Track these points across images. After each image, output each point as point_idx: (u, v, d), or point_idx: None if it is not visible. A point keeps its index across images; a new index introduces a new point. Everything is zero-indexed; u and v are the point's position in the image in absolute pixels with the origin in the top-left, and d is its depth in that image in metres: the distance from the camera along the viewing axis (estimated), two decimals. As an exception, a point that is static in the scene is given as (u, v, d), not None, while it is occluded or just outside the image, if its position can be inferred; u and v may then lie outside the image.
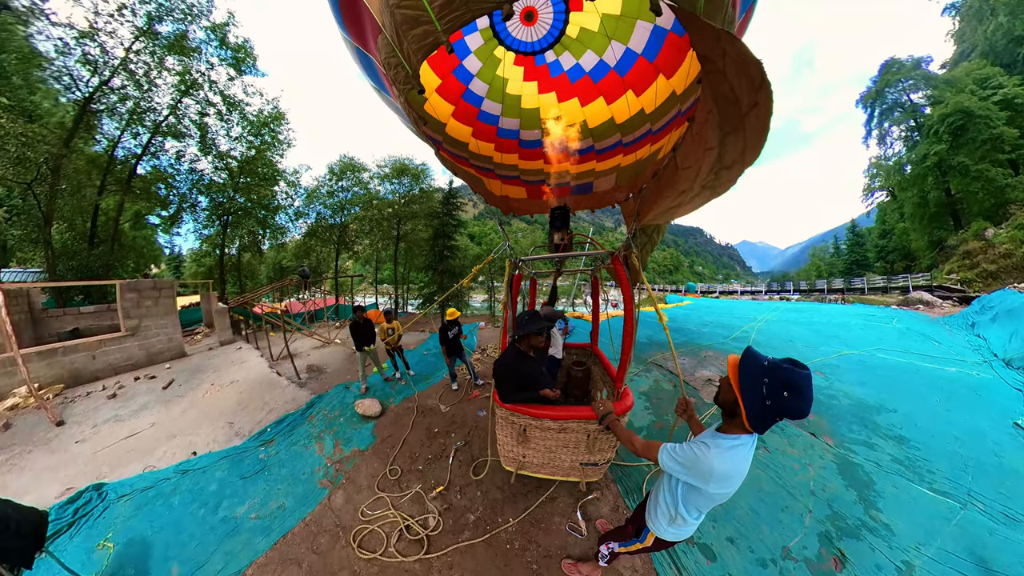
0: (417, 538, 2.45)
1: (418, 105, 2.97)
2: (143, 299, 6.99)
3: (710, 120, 1.89)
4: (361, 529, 2.59)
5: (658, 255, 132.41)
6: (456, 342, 4.76)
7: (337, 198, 15.98)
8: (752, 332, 6.70)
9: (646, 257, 3.94)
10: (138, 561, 2.47)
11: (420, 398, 4.66)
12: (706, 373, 4.69)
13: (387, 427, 4.06)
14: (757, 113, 1.47)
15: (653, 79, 2.66)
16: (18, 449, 4.15)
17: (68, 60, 8.15)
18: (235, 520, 2.82)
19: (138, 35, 8.51)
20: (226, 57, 10.62)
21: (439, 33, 1.74)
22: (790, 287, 25.96)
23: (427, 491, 2.91)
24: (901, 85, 21.10)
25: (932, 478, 2.67)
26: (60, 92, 8.63)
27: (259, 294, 11.89)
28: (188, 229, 13.08)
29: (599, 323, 3.94)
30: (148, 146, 10.35)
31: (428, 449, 3.52)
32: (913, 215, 20.07)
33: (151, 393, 5.70)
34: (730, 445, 1.19)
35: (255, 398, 5.24)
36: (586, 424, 2.21)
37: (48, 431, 4.55)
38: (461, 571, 2.20)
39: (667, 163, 2.55)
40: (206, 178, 12.07)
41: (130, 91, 9.09)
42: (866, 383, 4.16)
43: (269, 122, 12.77)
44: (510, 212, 4.85)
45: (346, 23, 2.15)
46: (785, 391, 1.04)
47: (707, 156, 1.96)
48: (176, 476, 3.41)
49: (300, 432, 4.20)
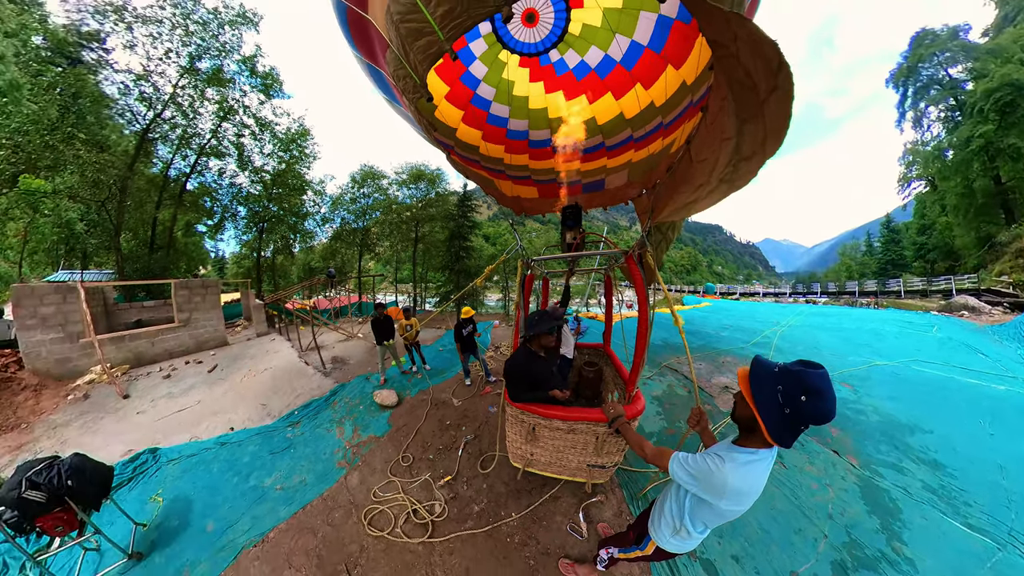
0: (422, 522, 2.50)
1: (428, 112, 2.98)
2: (193, 296, 7.73)
3: (725, 108, 1.74)
4: (372, 508, 2.68)
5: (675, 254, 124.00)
6: (470, 339, 4.75)
7: (359, 204, 16.85)
8: (774, 337, 6.14)
9: (661, 256, 3.72)
10: (181, 515, 2.79)
11: (434, 391, 4.72)
12: (723, 380, 4.35)
13: (402, 417, 4.12)
14: (777, 98, 1.34)
15: (662, 71, 2.52)
16: (93, 415, 4.79)
17: (128, 99, 9.71)
18: (263, 489, 3.07)
19: (182, 73, 9.88)
20: (256, 84, 11.89)
21: (442, 42, 1.76)
22: (817, 289, 23.73)
23: (435, 479, 2.94)
24: (936, 59, 18.03)
25: (968, 512, 2.30)
26: (124, 126, 10.15)
27: (291, 292, 12.95)
28: (230, 235, 14.80)
29: (612, 324, 3.77)
30: (195, 166, 11.82)
31: (439, 440, 3.55)
32: (957, 207, 17.05)
33: (198, 375, 6.26)
34: (747, 460, 1.08)
35: (285, 384, 5.55)
36: (595, 426, 2.13)
37: (116, 402, 5.17)
38: (461, 558, 2.21)
39: (681, 157, 2.39)
40: (244, 191, 13.47)
41: (178, 120, 10.50)
42: (899, 398, 3.69)
43: (296, 138, 13.87)
44: (522, 212, 4.77)
45: (356, 41, 2.21)
46: (803, 396, 0.94)
47: (724, 147, 1.80)
48: (216, 447, 3.76)
49: (323, 416, 4.39)
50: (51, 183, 8.29)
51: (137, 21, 8.91)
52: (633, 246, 2.30)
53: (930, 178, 19.86)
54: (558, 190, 4.02)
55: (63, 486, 2.04)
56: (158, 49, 9.33)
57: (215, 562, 2.35)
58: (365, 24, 1.95)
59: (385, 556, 2.27)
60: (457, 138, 3.34)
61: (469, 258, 17.61)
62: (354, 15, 1.95)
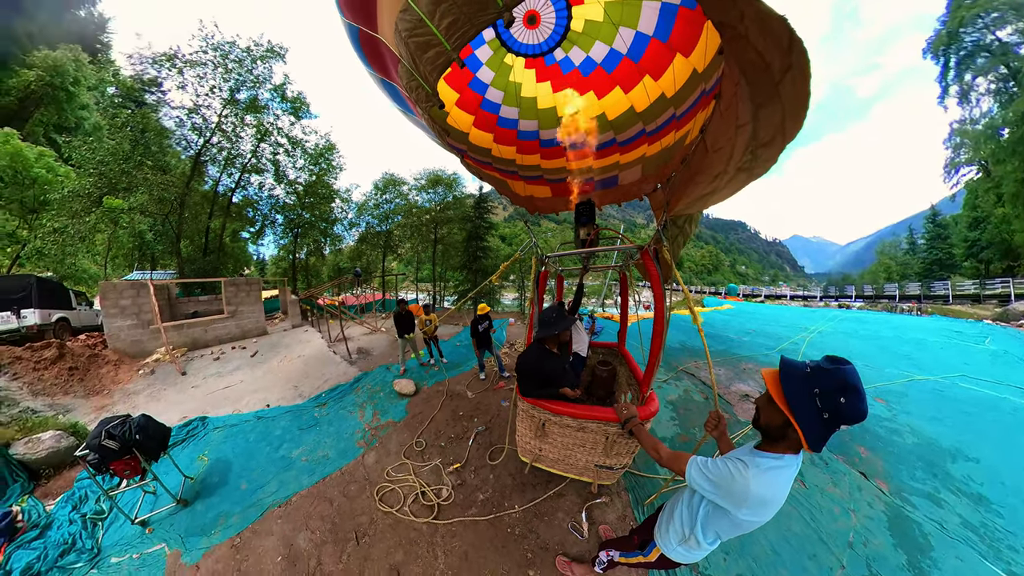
0: (429, 504, 2.53)
1: (441, 119, 3.01)
2: (239, 292, 8.65)
3: (739, 93, 1.61)
4: (384, 486, 2.77)
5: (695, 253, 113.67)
6: (486, 335, 4.74)
7: (382, 209, 17.77)
8: (802, 344, 5.57)
9: (678, 251, 3.51)
10: (221, 473, 3.14)
11: (450, 383, 4.76)
12: (743, 387, 3.96)
13: (418, 405, 4.20)
14: (792, 77, 1.23)
15: (670, 60, 2.38)
16: (157, 387, 5.59)
17: (183, 130, 11.38)
18: (290, 459, 3.31)
19: (225, 104, 11.41)
20: (287, 108, 13.29)
21: (449, 52, 1.80)
22: (851, 292, 20.38)
23: (445, 466, 2.97)
24: (981, 21, 14.48)
25: (1013, 558, 1.93)
26: (180, 152, 11.84)
27: (322, 289, 14.26)
28: (269, 240, 16.51)
29: (627, 323, 3.57)
30: (239, 181, 13.52)
31: (452, 429, 3.57)
32: (1016, 196, 13.91)
33: (242, 359, 6.89)
34: (771, 465, 0.97)
35: (315, 369, 5.89)
36: (606, 426, 2.03)
37: (176, 378, 5.93)
38: (461, 541, 2.22)
39: (696, 147, 2.24)
40: (280, 201, 15.04)
41: (224, 144, 12.09)
42: (941, 419, 3.21)
43: (324, 153, 15.13)
44: (535, 211, 4.70)
45: (369, 59, 2.30)
46: (841, 396, 0.84)
47: (740, 134, 1.68)
48: (254, 420, 4.11)
49: (347, 400, 4.60)
50: (127, 202, 10.01)
51: (185, 65, 10.50)
52: (649, 241, 2.17)
53: (982, 162, 16.35)
54: (571, 188, 3.93)
55: (132, 439, 2.44)
56: (204, 86, 10.89)
57: (245, 516, 2.61)
58: (376, 43, 2.02)
59: (391, 531, 2.35)
60: (470, 142, 3.36)
61: (486, 258, 17.78)
62: (366, 35, 2.04)
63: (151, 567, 2.24)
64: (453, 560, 2.09)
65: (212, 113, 11.24)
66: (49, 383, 5.06)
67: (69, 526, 2.52)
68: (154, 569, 2.23)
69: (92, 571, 2.25)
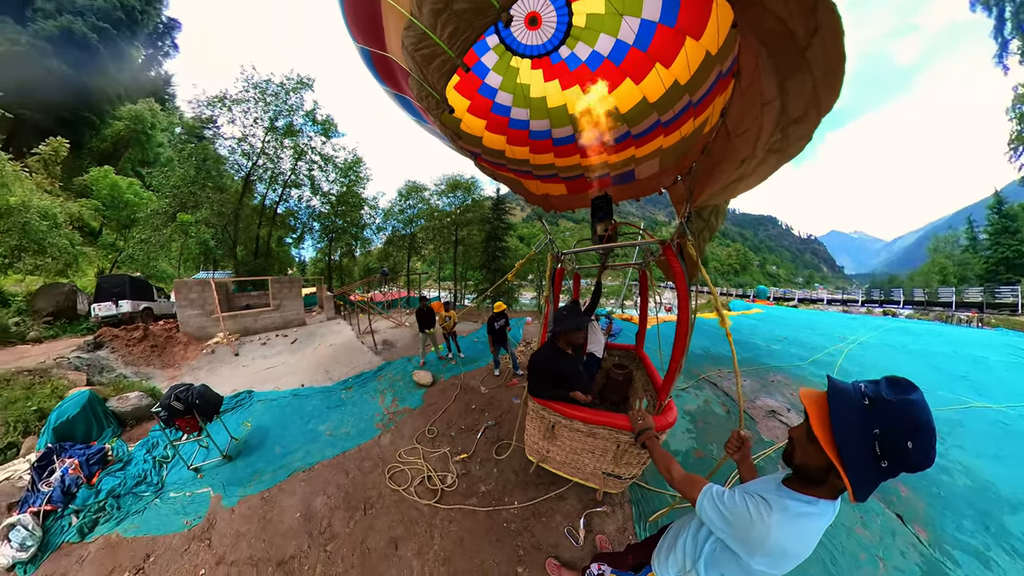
0: (433, 488, 2.58)
1: (453, 125, 3.04)
2: (283, 288, 9.79)
3: (761, 68, 1.43)
4: (395, 466, 2.88)
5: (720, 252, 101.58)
6: (502, 333, 4.73)
7: (406, 214, 18.94)
8: (839, 356, 4.90)
9: (704, 246, 3.14)
10: (260, 438, 3.56)
11: (465, 377, 4.80)
12: (770, 402, 3.57)
13: (434, 396, 4.27)
14: (822, 39, 1.05)
15: (680, 45, 2.20)
16: (216, 364, 6.37)
17: (235, 156, 13.48)
18: (317, 432, 3.59)
19: (267, 131, 13.36)
20: (317, 130, 15.04)
21: (454, 59, 1.84)
22: (898, 297, 17.01)
23: (453, 454, 2.99)
24: None
25: None
26: (233, 174, 13.93)
27: (353, 287, 15.29)
28: (308, 244, 18.75)
29: (646, 324, 3.28)
30: (281, 196, 15.55)
31: (463, 421, 3.60)
32: None
33: (283, 345, 7.63)
34: (800, 512, 0.76)
35: (344, 357, 6.27)
36: (618, 433, 1.86)
37: (230, 358, 6.75)
38: (458, 527, 2.24)
39: (717, 133, 2.02)
40: (316, 210, 16.92)
41: (267, 165, 14.10)
42: (1003, 459, 2.63)
43: (352, 166, 16.71)
44: (551, 209, 4.56)
45: (382, 77, 2.39)
46: (909, 439, 0.62)
47: (767, 112, 1.48)
48: (290, 396, 4.54)
49: (370, 386, 4.84)
50: (194, 216, 12.15)
51: (233, 103, 12.66)
52: (672, 235, 1.94)
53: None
54: (586, 185, 3.76)
55: (193, 402, 2.92)
56: (248, 119, 13.01)
57: (275, 475, 2.91)
58: (387, 61, 2.12)
59: (396, 507, 2.44)
60: (484, 145, 3.36)
61: (504, 258, 17.90)
62: (377, 55, 2.15)
63: (198, 504, 2.63)
64: (448, 543, 2.12)
65: (257, 140, 13.17)
66: (136, 356, 6.15)
67: (143, 464, 3.12)
68: (200, 506, 2.60)
69: (156, 500, 2.72)
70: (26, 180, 10.55)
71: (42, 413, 3.62)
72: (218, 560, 2.13)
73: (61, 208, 10.30)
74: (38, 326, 7.77)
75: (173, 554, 2.20)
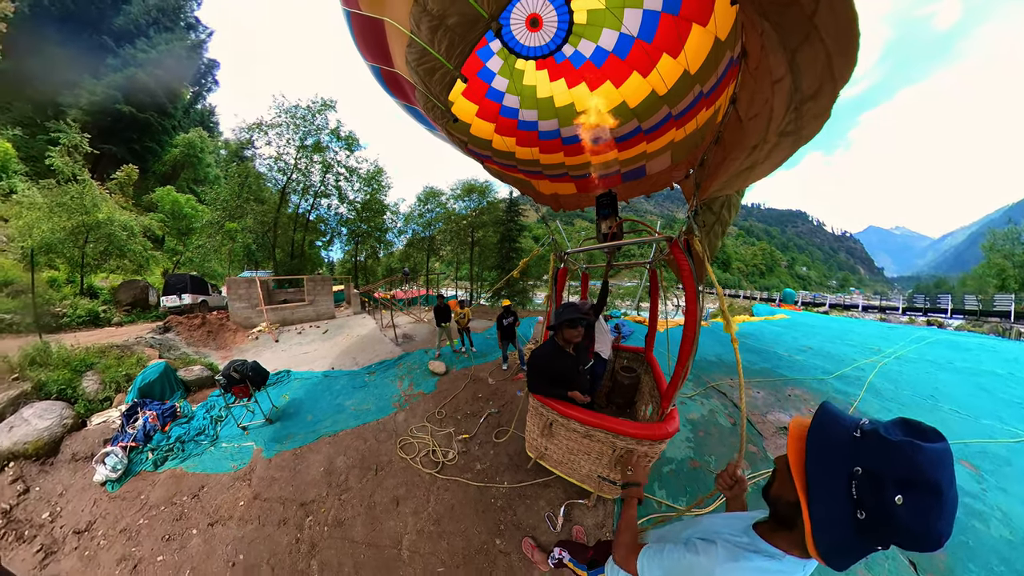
0: (436, 461, 2.89)
1: (462, 132, 3.16)
2: (316, 286, 10.86)
3: (766, 44, 1.30)
4: (405, 439, 3.26)
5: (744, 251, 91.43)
6: (510, 329, 4.87)
7: (425, 218, 20.30)
8: (870, 372, 4.22)
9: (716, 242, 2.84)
10: (296, 408, 4.15)
11: (475, 369, 5.05)
12: (783, 418, 3.24)
13: (446, 384, 4.59)
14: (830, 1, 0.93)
15: (687, 33, 2.08)
16: (259, 348, 7.38)
17: (272, 172, 15.38)
18: (343, 406, 4.12)
19: (298, 149, 15.06)
20: (342, 145, 16.60)
21: (452, 70, 2.02)
22: (946, 304, 14.41)
23: (456, 434, 3.27)
24: None
25: None
26: (271, 187, 15.89)
27: (377, 285, 17.08)
28: (336, 247, 20.80)
29: (656, 326, 3.12)
30: (313, 205, 17.35)
31: (469, 407, 3.86)
32: None
33: (316, 334, 8.58)
34: (758, 568, 0.62)
35: (369, 347, 6.92)
36: (615, 438, 1.80)
37: (271, 344, 7.67)
38: (451, 496, 2.50)
39: (726, 120, 1.88)
40: (343, 217, 18.72)
41: (300, 179, 15.86)
42: None
43: (374, 176, 18.27)
44: (560, 209, 4.54)
45: (393, 91, 2.62)
46: (899, 492, 0.47)
47: (777, 91, 1.33)
48: (321, 377, 5.22)
49: (390, 372, 5.29)
50: (239, 224, 14.16)
51: (268, 127, 14.55)
52: (679, 231, 1.81)
53: None
54: (596, 182, 3.73)
55: (247, 373, 3.59)
56: (282, 139, 14.87)
57: (306, 437, 3.44)
58: (395, 76, 2.33)
59: (402, 472, 2.80)
60: (494, 148, 3.41)
61: (518, 258, 18.23)
62: (386, 72, 2.38)
63: (243, 454, 3.21)
64: (440, 508, 2.39)
65: (290, 157, 14.97)
66: (195, 339, 7.36)
67: (203, 420, 3.83)
68: (244, 456, 3.19)
69: (211, 448, 3.37)
70: (108, 200, 12.85)
71: (128, 376, 4.60)
72: (255, 496, 2.63)
73: (136, 221, 12.64)
74: (120, 313, 9.73)
75: (221, 488, 2.76)
